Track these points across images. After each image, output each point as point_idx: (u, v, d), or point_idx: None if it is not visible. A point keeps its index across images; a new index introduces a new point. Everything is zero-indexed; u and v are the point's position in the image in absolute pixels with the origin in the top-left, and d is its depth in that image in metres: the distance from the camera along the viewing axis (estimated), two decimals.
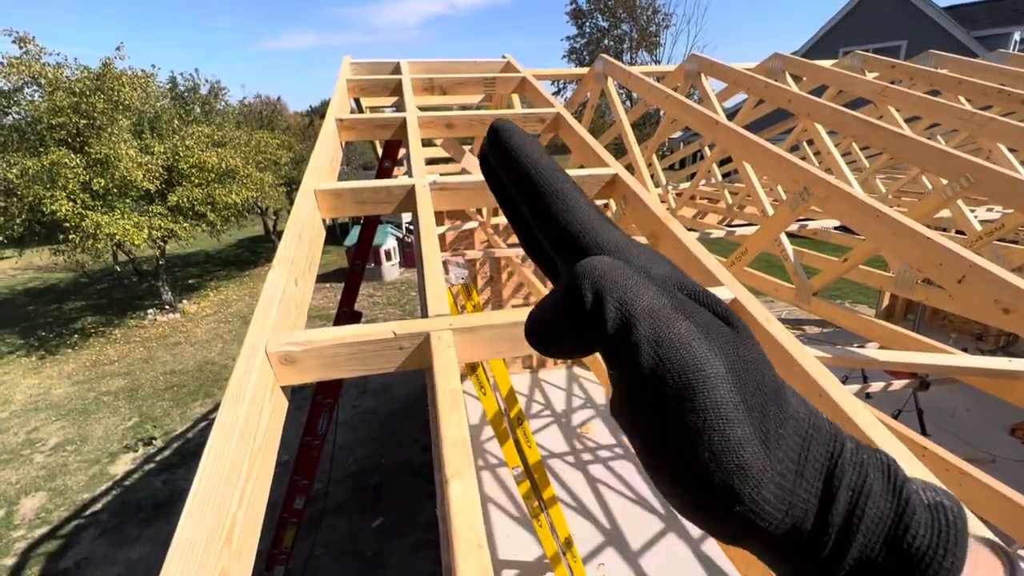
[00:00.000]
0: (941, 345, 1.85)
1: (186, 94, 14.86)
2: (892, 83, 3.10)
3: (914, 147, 1.87)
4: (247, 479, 0.62)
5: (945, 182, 1.88)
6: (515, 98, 2.98)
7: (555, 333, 0.23)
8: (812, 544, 0.20)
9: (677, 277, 0.24)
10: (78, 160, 10.24)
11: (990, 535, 0.22)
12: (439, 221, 6.23)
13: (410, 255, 15.75)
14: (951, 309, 2.53)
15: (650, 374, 0.20)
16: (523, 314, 0.84)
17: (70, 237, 10.32)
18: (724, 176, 5.74)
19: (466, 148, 3.23)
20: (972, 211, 3.45)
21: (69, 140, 10.61)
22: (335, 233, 19.51)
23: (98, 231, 10.13)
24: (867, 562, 0.19)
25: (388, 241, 15.30)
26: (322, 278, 15.13)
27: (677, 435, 0.20)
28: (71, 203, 10.12)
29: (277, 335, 0.78)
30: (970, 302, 1.21)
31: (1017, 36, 15.47)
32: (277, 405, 0.76)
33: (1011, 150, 2.50)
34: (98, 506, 6.57)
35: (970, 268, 1.18)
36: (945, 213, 3.22)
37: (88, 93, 10.44)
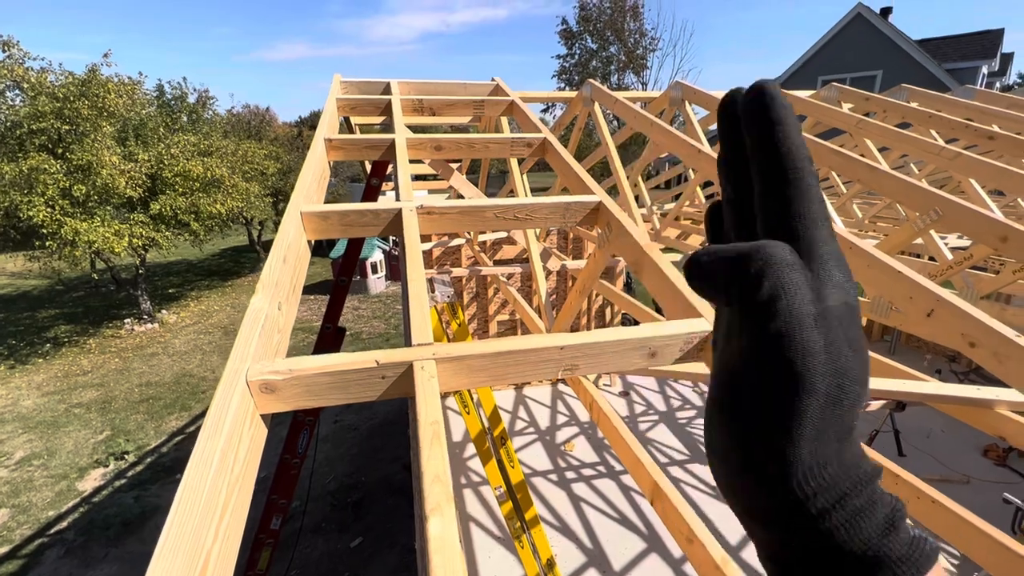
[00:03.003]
0: (914, 371, 1.90)
1: (173, 102, 14.72)
2: (866, 115, 3.22)
3: (887, 180, 1.94)
4: (223, 513, 0.61)
5: (917, 214, 1.95)
6: (503, 120, 3.03)
7: (711, 268, 0.28)
8: (808, 522, 0.26)
9: (849, 319, 0.28)
10: (58, 166, 10.04)
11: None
12: (426, 237, 6.22)
13: (396, 268, 15.68)
14: (923, 336, 2.60)
15: (769, 339, 0.26)
16: (505, 344, 0.84)
17: (47, 244, 10.07)
18: (707, 198, 5.86)
19: (454, 167, 3.26)
20: (943, 238, 3.58)
21: (50, 146, 10.41)
22: (321, 245, 19.32)
23: (77, 238, 9.89)
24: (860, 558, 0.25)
25: (374, 254, 15.23)
26: (306, 290, 14.95)
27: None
28: (49, 209, 9.89)
29: (258, 363, 0.78)
30: (939, 334, 1.26)
31: (984, 70, 16.22)
32: (256, 435, 0.75)
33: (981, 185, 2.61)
34: (64, 524, 6.31)
35: (938, 302, 1.22)
36: (920, 240, 3.32)
37: (72, 99, 10.29)
